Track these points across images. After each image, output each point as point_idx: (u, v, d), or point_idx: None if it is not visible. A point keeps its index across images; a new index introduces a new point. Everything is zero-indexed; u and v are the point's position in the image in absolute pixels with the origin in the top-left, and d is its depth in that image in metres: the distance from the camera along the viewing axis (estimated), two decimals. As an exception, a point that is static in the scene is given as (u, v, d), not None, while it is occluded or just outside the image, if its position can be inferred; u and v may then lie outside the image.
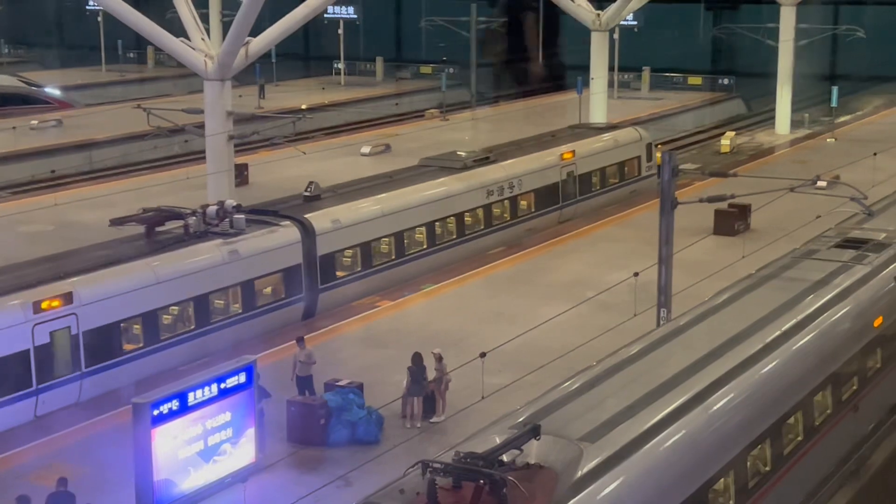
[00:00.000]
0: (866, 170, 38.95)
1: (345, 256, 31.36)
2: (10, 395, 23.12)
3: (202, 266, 27.28)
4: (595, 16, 51.61)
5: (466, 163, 37.75)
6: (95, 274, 25.35)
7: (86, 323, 24.40)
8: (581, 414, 16.49)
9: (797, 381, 19.80)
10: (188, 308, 26.92)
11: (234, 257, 27.96)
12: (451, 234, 35.46)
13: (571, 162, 40.99)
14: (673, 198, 23.61)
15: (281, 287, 29.25)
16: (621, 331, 23.27)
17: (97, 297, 24.79)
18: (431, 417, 22.71)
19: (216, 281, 27.45)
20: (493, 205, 37.11)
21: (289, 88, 73.22)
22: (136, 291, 25.64)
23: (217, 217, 28.45)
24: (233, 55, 32.71)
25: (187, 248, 27.53)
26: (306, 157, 43.00)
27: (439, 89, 68.95)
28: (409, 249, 33.59)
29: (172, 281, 26.45)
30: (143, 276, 26.07)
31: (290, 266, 29.35)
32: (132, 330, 25.74)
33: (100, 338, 24.77)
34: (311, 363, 23.44)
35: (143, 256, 26.66)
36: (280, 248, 29.23)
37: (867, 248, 25.30)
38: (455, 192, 35.74)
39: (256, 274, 28.42)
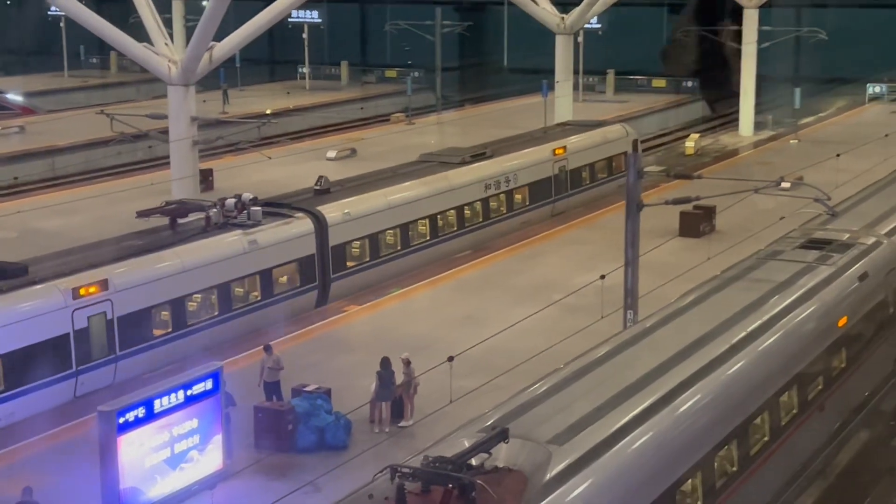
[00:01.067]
0: (829, 171, 39.23)
1: (354, 247, 32.59)
2: (52, 376, 24.22)
3: (225, 255, 28.55)
4: (559, 19, 51.77)
5: (464, 158, 38.90)
6: (128, 262, 26.57)
7: (120, 308, 25.60)
8: (549, 417, 16.51)
9: (763, 382, 19.90)
10: (212, 295, 28.10)
11: (254, 247, 29.21)
12: (452, 226, 36.72)
13: (563, 157, 42.19)
14: (638, 200, 23.69)
15: (296, 276, 30.48)
16: (589, 333, 23.33)
17: (130, 284, 26.01)
18: (400, 422, 22.67)
19: (237, 269, 28.75)
20: (490, 198, 38.44)
21: (254, 93, 72.99)
22: (165, 279, 26.90)
23: (235, 209, 29.67)
24: (196, 60, 32.60)
25: (211, 239, 28.79)
26: (272, 161, 42.88)
27: (405, 93, 68.97)
28: (414, 241, 34.87)
29: (198, 269, 27.72)
30: (172, 264, 27.29)
31: (304, 256, 30.65)
32: (161, 315, 26.91)
33: (132, 323, 25.96)
34: (279, 369, 23.37)
35: (171, 246, 27.89)
36: (295, 239, 30.49)
37: (831, 248, 25.48)
38: (455, 186, 37.00)
39: (274, 263, 29.68)
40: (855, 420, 24.33)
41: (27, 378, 23.81)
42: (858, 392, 24.40)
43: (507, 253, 35.36)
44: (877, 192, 32.24)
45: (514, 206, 39.72)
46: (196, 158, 34.24)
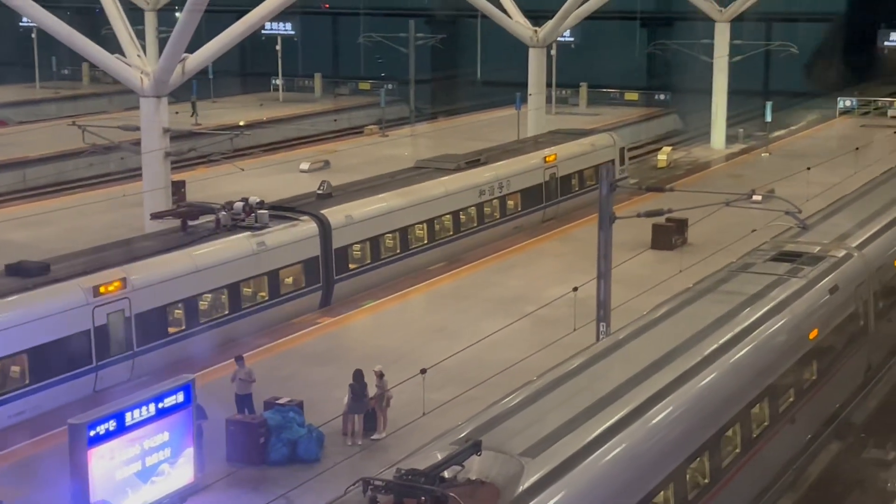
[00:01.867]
0: (800, 184, 39.49)
1: (356, 249, 33.56)
2: (73, 370, 25.11)
3: (234, 256, 29.51)
4: (532, 32, 51.92)
5: (460, 164, 39.94)
6: (144, 262, 27.53)
7: (137, 306, 26.55)
8: (522, 429, 16.51)
9: (735, 394, 19.98)
10: (222, 294, 29.01)
11: (262, 248, 30.16)
12: (448, 230, 37.65)
13: (554, 164, 43.23)
14: (611, 212, 23.77)
15: (301, 277, 31.40)
16: (561, 345, 23.38)
17: (146, 282, 26.94)
18: (372, 434, 22.63)
19: (246, 270, 29.70)
20: (484, 204, 39.44)
21: (226, 105, 72.81)
22: (178, 278, 27.83)
23: (243, 212, 30.63)
24: (169, 72, 32.50)
25: (221, 240, 29.73)
26: (244, 173, 42.78)
27: (378, 105, 68.97)
28: (412, 244, 35.88)
29: (209, 269, 28.68)
30: (185, 264, 28.26)
31: (309, 258, 31.61)
32: (175, 313, 27.78)
33: (148, 320, 26.87)
34: (251, 381, 23.29)
35: (184, 247, 28.86)
36: (300, 241, 31.46)
37: (802, 261, 25.62)
38: (451, 192, 38.00)
39: (280, 264, 30.65)
40: (826, 432, 24.45)
41: (50, 373, 24.64)
42: (829, 404, 24.53)
43: (480, 265, 35.39)
44: (847, 205, 32.47)
45: (507, 212, 40.72)
46: (168, 170, 34.13)
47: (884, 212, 31.18)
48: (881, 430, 26.63)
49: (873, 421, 26.92)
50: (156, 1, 72.44)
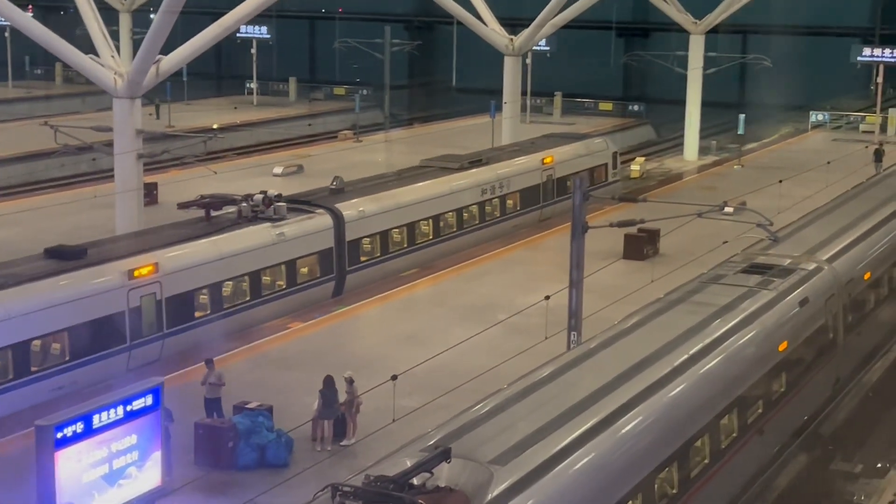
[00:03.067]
0: (772, 196, 39.69)
1: (367, 242, 34.85)
2: (109, 349, 26.39)
3: (256, 245, 30.83)
4: (508, 40, 52.02)
5: (463, 164, 41.31)
6: (174, 248, 28.85)
7: (167, 290, 27.79)
8: (492, 437, 16.50)
9: (704, 405, 20.04)
10: (244, 282, 30.29)
11: (281, 239, 31.48)
12: (452, 227, 38.95)
13: (551, 166, 44.46)
14: (584, 222, 23.82)
15: (317, 267, 32.77)
16: (532, 354, 23.36)
17: (176, 268, 28.20)
18: (342, 440, 22.58)
19: (267, 259, 31.01)
20: (486, 202, 40.80)
21: (200, 107, 72.58)
22: (205, 265, 29.13)
23: (263, 204, 31.75)
24: (143, 73, 32.37)
25: (244, 230, 31.04)
26: (217, 176, 42.61)
27: (353, 111, 68.92)
28: (418, 239, 37.24)
29: (233, 257, 30.00)
30: (210, 251, 29.53)
31: (324, 249, 32.95)
32: (201, 298, 29.06)
33: (177, 304, 28.13)
34: (220, 385, 23.19)
35: (210, 235, 30.17)
36: (316, 233, 32.81)
37: (772, 273, 25.74)
38: (455, 190, 39.35)
39: (298, 254, 31.99)
40: (794, 444, 24.56)
41: (88, 350, 25.88)
42: (797, 416, 24.64)
43: (453, 272, 35.39)
44: (818, 218, 32.67)
45: (507, 211, 41.96)
46: (141, 172, 33.98)
47: (854, 225, 31.39)
48: (849, 443, 26.79)
49: (841, 433, 27.07)
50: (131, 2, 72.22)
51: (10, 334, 24.44)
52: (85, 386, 24.94)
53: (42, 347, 25.30)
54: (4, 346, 24.33)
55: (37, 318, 25.03)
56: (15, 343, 24.49)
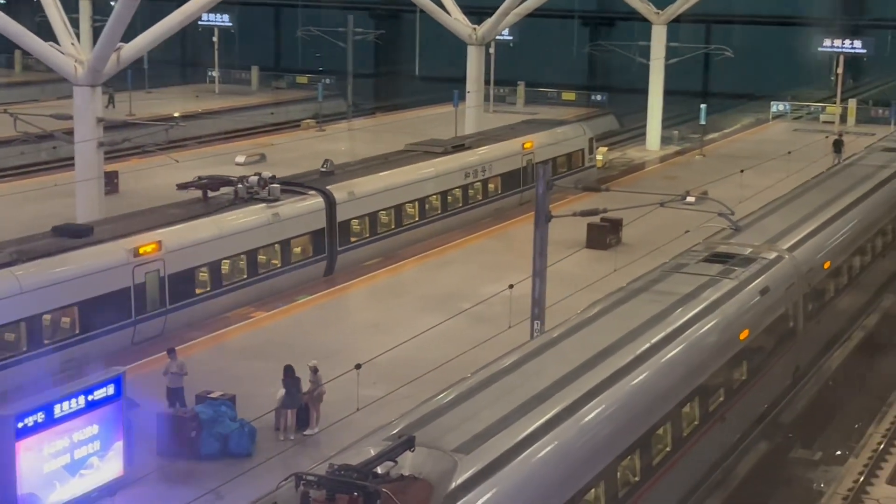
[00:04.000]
0: (733, 186, 39.94)
1: (357, 224, 35.88)
2: (116, 323, 27.26)
3: (253, 225, 31.80)
4: (471, 30, 51.99)
5: (447, 148, 42.33)
6: (176, 227, 29.73)
7: (170, 267, 28.66)
8: (455, 425, 16.54)
9: (666, 393, 20.17)
10: (241, 260, 31.20)
11: (276, 219, 32.40)
12: (437, 209, 40.00)
13: (531, 151, 45.49)
14: (547, 211, 23.88)
15: (309, 247, 33.76)
16: (496, 343, 23.44)
17: (178, 246, 29.09)
18: (305, 430, 22.55)
19: (263, 238, 31.98)
20: (469, 186, 41.86)
21: (162, 95, 72.09)
22: (205, 243, 30.06)
23: (258, 185, 32.74)
24: (104, 60, 32.12)
25: (241, 210, 31.98)
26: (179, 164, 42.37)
27: (316, 99, 68.57)
28: (405, 220, 38.24)
29: (232, 236, 30.94)
30: (210, 230, 30.43)
31: (316, 229, 33.95)
32: (201, 275, 29.94)
33: (179, 280, 29.02)
34: (183, 374, 23.10)
35: (209, 215, 31.07)
36: (309, 214, 33.76)
37: (734, 262, 25.92)
38: (440, 173, 40.38)
39: (292, 234, 32.97)
40: (754, 431, 24.76)
41: (96, 324, 26.71)
42: (758, 404, 24.84)
43: (416, 262, 35.40)
44: (779, 207, 32.90)
45: (489, 194, 43.00)
46: (101, 160, 33.74)
47: (815, 215, 31.65)
48: (808, 431, 27.04)
49: (801, 421, 27.32)
50: (91, -12, 71.59)
51: (25, 308, 25.23)
52: (93, 359, 25.45)
53: (53, 321, 26.12)
54: (19, 318, 25.11)
55: (48, 292, 25.81)
56: (29, 316, 25.29)
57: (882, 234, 35.33)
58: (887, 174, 38.90)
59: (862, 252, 32.99)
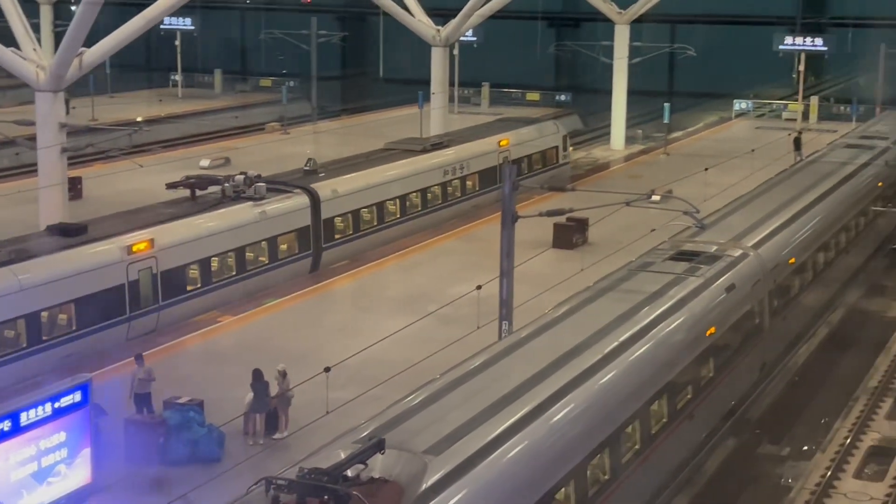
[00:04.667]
0: (698, 184, 40.13)
1: (340, 221, 36.52)
2: (111, 319, 27.80)
3: (241, 223, 32.41)
4: (435, 31, 52.00)
5: (425, 146, 43.23)
6: (168, 225, 30.29)
7: (162, 265, 29.27)
8: (425, 427, 16.54)
9: (634, 391, 20.25)
10: (230, 257, 31.75)
11: (262, 217, 33.03)
12: (417, 206, 40.70)
13: (507, 149, 46.44)
14: (513, 212, 23.92)
15: (295, 244, 34.41)
16: (464, 344, 23.43)
17: (170, 244, 29.66)
18: (274, 434, 22.49)
19: (251, 235, 32.60)
20: (448, 183, 42.64)
21: (125, 100, 71.69)
22: (196, 241, 30.66)
23: (245, 184, 33.36)
24: (66, 66, 31.92)
25: (229, 208, 32.62)
26: (143, 169, 42.18)
27: (280, 102, 68.39)
28: (387, 218, 38.97)
29: (221, 234, 31.57)
30: (200, 228, 31.09)
31: (302, 227, 34.56)
32: (191, 272, 30.48)
33: (171, 277, 29.61)
34: (150, 380, 22.99)
35: (198, 213, 31.74)
36: (295, 212, 34.38)
37: (699, 260, 26.06)
38: (420, 171, 41.24)
39: (278, 232, 33.63)
40: (722, 428, 24.90)
41: (92, 320, 27.23)
42: (726, 401, 24.98)
43: (382, 264, 35.38)
44: (743, 205, 33.11)
45: (467, 191, 43.77)
46: (65, 166, 33.51)
47: (779, 212, 31.87)
48: (776, 427, 27.20)
49: (768, 417, 27.50)
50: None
51: (24, 305, 25.77)
52: (89, 355, 26.47)
53: (51, 318, 26.59)
54: (19, 315, 25.65)
55: (46, 290, 26.32)
56: (28, 313, 25.85)
57: (845, 230, 35.63)
58: (850, 170, 39.24)
59: (826, 248, 33.25)
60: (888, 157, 42.68)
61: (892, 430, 25.96)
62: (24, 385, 24.08)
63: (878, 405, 27.31)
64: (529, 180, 46.55)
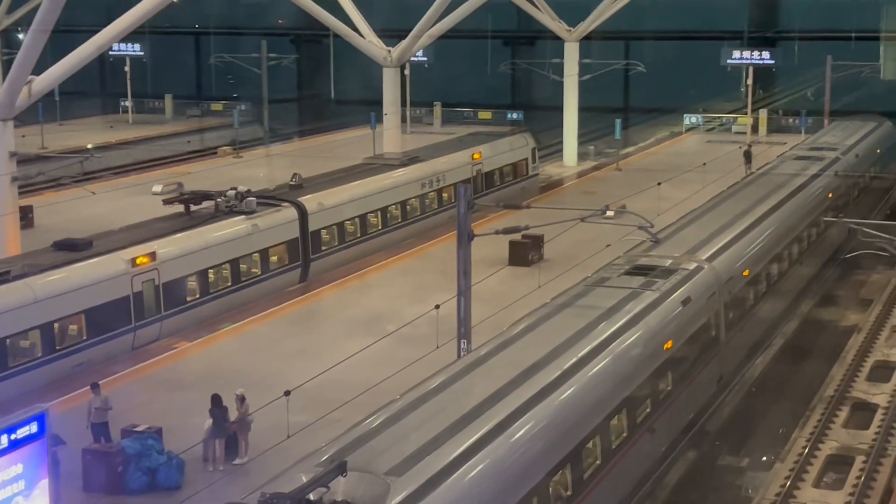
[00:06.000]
0: (651, 199, 40.41)
1: (326, 233, 37.98)
2: (118, 329, 29.08)
3: (235, 236, 33.79)
4: (386, 52, 52.05)
5: (403, 161, 45.11)
6: (168, 238, 31.66)
7: (164, 276, 30.59)
8: (387, 448, 16.49)
9: (594, 406, 20.31)
10: (225, 269, 33.08)
11: (255, 230, 34.43)
12: (397, 218, 42.26)
13: (479, 161, 48.37)
14: (469, 230, 23.96)
15: (285, 255, 35.81)
16: (424, 363, 23.42)
17: (170, 256, 31.02)
18: (234, 459, 22.34)
19: (244, 248, 33.97)
20: (425, 195, 44.33)
21: (74, 127, 71.15)
22: (194, 253, 32.02)
23: (236, 199, 34.65)
24: (15, 94, 31.62)
25: (223, 222, 33.93)
26: (96, 196, 41.87)
27: (231, 126, 68.18)
28: (369, 229, 40.52)
29: (217, 246, 32.92)
30: (197, 241, 32.39)
31: (291, 239, 35.99)
32: (190, 283, 31.80)
33: (172, 289, 30.91)
34: (107, 409, 22.76)
35: (195, 227, 33.03)
36: (284, 225, 35.85)
37: (655, 274, 26.21)
38: (400, 184, 42.92)
39: (270, 244, 35.03)
40: (682, 441, 25.01)
41: (101, 330, 28.52)
42: (685, 413, 25.10)
43: (339, 286, 35.29)
44: (696, 218, 33.35)
45: (444, 203, 45.19)
46: (15, 195, 33.18)
47: (732, 225, 32.13)
48: (735, 438, 27.37)
49: (727, 429, 27.66)
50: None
51: (38, 316, 26.98)
52: (98, 363, 27.79)
53: (63, 328, 27.77)
54: (34, 326, 26.89)
55: (59, 301, 27.61)
56: (43, 324, 27.09)
57: (798, 241, 35.98)
58: (800, 182, 39.65)
59: (780, 259, 33.56)
60: (837, 168, 43.18)
61: (849, 439, 26.20)
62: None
63: (834, 414, 27.56)
64: (503, 191, 48.95)
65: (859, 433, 26.50)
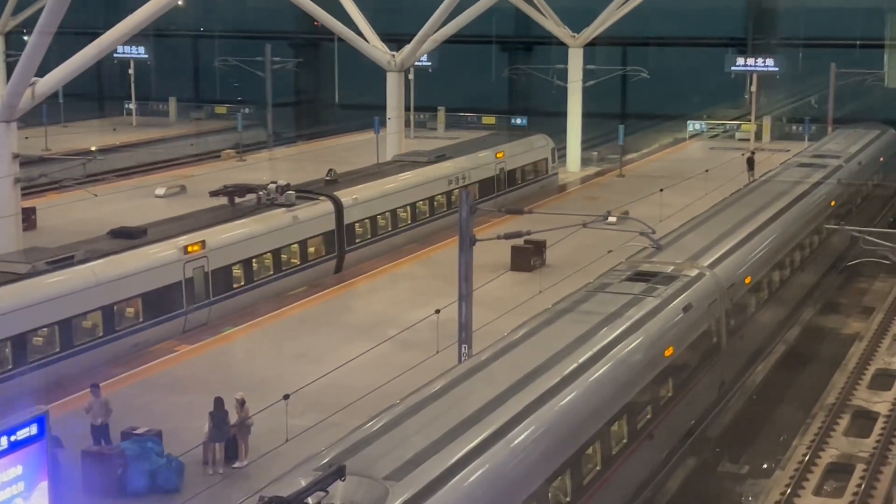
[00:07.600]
0: (653, 205, 40.41)
1: (360, 226, 39.71)
2: (171, 312, 30.77)
3: (277, 227, 35.55)
4: (390, 57, 52.09)
5: (430, 158, 46.70)
6: (216, 228, 33.48)
7: (213, 264, 32.30)
8: (386, 453, 16.49)
9: (595, 412, 20.29)
10: (269, 257, 34.94)
11: (295, 222, 36.24)
12: (425, 213, 43.92)
13: (503, 160, 50.15)
14: (471, 235, 23.96)
15: (322, 247, 37.62)
16: (424, 368, 23.44)
17: (219, 245, 32.76)
18: (234, 463, 22.33)
19: (286, 238, 35.76)
20: (451, 191, 45.28)
21: (78, 129, 71.21)
22: (240, 243, 33.84)
23: (277, 192, 36.45)
24: (18, 96, 31.68)
25: (266, 213, 35.71)
26: (98, 199, 41.90)
27: (235, 129, 68.29)
28: (400, 223, 42.18)
29: (260, 237, 34.70)
30: (243, 231, 34.29)
31: (328, 231, 37.83)
32: (236, 271, 33.49)
33: (220, 275, 32.60)
34: (107, 411, 22.76)
35: (241, 217, 35.00)
36: (321, 217, 37.64)
37: (656, 280, 26.19)
38: (428, 180, 44.60)
39: (308, 235, 36.86)
40: (682, 447, 24.98)
41: (156, 313, 30.20)
42: (685, 420, 25.08)
43: (340, 290, 35.29)
44: (699, 225, 33.35)
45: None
46: (18, 196, 33.24)
47: (734, 231, 32.13)
48: (735, 445, 27.35)
49: (727, 436, 27.63)
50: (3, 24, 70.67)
51: (100, 298, 28.51)
52: (153, 345, 29.36)
53: (121, 310, 29.37)
54: (97, 307, 28.41)
55: (119, 285, 29.15)
56: (105, 305, 28.63)
57: (800, 249, 35.97)
58: (803, 189, 39.64)
59: (781, 267, 33.54)
60: (840, 176, 43.15)
61: (850, 447, 26.16)
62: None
63: (835, 422, 27.52)
64: (524, 189, 51.04)
65: (860, 441, 26.46)
